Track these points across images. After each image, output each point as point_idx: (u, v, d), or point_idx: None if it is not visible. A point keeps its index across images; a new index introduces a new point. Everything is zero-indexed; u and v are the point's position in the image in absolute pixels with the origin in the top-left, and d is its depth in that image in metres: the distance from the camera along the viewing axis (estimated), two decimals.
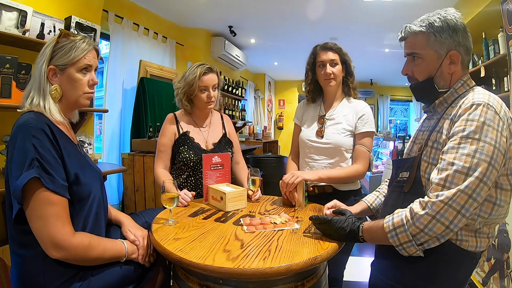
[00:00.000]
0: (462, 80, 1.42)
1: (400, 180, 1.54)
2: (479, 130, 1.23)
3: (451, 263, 1.35)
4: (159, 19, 5.79)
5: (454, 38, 1.37)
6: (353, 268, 3.82)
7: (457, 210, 1.21)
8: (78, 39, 1.54)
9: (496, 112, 1.25)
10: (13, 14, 2.78)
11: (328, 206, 1.85)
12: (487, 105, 1.26)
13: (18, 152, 1.33)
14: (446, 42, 1.38)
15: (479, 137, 1.23)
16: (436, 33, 1.37)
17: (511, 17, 2.94)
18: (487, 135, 1.22)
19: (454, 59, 1.39)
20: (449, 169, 1.25)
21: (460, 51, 1.38)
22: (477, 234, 1.34)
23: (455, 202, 1.21)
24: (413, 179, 1.44)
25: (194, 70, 2.37)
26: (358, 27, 6.36)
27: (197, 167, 2.38)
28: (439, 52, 1.39)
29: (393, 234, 1.32)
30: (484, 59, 4.07)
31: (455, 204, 1.21)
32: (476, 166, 1.21)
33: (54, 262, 1.38)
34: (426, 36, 1.39)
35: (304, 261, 1.31)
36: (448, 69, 1.41)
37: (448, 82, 1.43)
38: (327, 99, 2.42)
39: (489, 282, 3.04)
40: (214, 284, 1.39)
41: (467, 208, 1.21)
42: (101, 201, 1.62)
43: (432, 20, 1.39)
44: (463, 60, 1.41)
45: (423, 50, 1.42)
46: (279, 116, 13.45)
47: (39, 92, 1.47)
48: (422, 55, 1.43)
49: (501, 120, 1.26)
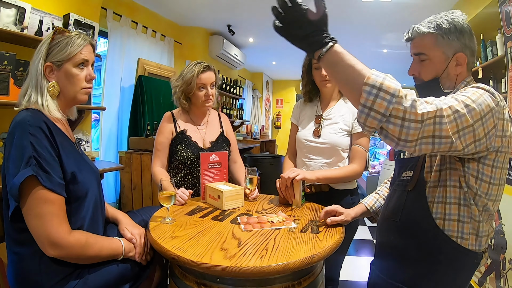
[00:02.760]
0: (465, 81, 1.43)
1: (403, 179, 1.53)
2: (475, 97, 1.19)
3: (452, 262, 1.35)
4: (158, 17, 5.78)
5: (461, 40, 1.38)
6: (350, 267, 3.85)
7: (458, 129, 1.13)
8: (73, 35, 1.53)
9: (495, 97, 1.23)
10: (12, 11, 2.78)
11: (327, 210, 1.79)
12: (487, 89, 1.25)
13: (15, 150, 1.33)
14: (453, 44, 1.38)
15: (475, 99, 1.18)
16: (444, 35, 1.37)
17: (509, 19, 2.95)
18: (481, 104, 1.18)
19: (460, 61, 1.39)
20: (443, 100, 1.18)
21: (466, 53, 1.39)
22: (478, 233, 1.34)
23: (461, 119, 1.13)
24: (416, 178, 1.44)
25: (192, 68, 2.37)
26: (356, 27, 6.36)
27: (194, 166, 2.38)
28: (446, 53, 1.39)
29: (373, 91, 1.10)
30: (482, 60, 4.09)
31: (459, 120, 1.13)
32: (470, 110, 1.16)
33: (50, 260, 1.37)
34: (434, 37, 1.39)
35: (301, 260, 1.31)
36: (454, 70, 1.41)
37: (453, 83, 1.43)
38: (324, 99, 2.42)
39: (485, 283, 3.06)
40: (211, 282, 1.39)
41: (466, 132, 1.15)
42: (98, 199, 1.62)
43: (440, 21, 1.39)
44: (469, 62, 1.41)
45: (431, 51, 1.41)
46: (276, 115, 13.46)
47: (37, 89, 1.47)
48: (429, 56, 1.42)
49: (500, 106, 1.23)
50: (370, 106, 1.10)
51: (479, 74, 4.04)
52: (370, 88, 1.10)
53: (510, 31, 2.98)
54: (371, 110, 1.10)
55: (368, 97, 1.10)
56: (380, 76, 1.12)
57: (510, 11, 2.94)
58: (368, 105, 1.11)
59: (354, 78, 1.15)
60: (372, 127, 1.13)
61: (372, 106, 1.10)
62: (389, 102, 1.08)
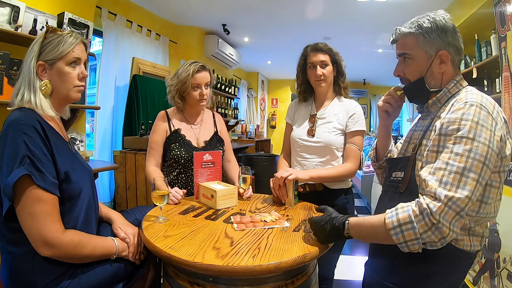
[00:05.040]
0: (455, 80, 1.44)
1: (394, 180, 1.54)
2: (473, 130, 1.23)
3: (447, 263, 1.35)
4: (153, 16, 5.77)
5: (443, 38, 1.40)
6: (344, 266, 3.85)
7: (457, 212, 1.20)
8: (65, 34, 1.53)
9: (489, 113, 1.26)
10: (6, 10, 2.77)
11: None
12: (480, 105, 1.27)
13: (9, 149, 1.33)
14: (435, 42, 1.40)
15: (473, 137, 1.23)
16: (425, 34, 1.40)
17: (504, 19, 2.96)
18: (481, 135, 1.23)
19: (444, 59, 1.41)
20: (443, 169, 1.25)
21: (449, 50, 1.41)
22: (471, 233, 1.35)
23: (455, 205, 1.20)
24: (408, 179, 1.44)
25: (187, 67, 2.37)
26: (351, 27, 6.38)
27: (188, 165, 2.39)
28: (429, 52, 1.42)
29: (398, 231, 1.25)
30: (476, 60, 4.10)
31: (455, 206, 1.19)
32: (471, 166, 1.21)
33: (44, 259, 1.38)
34: (415, 37, 1.42)
35: (293, 259, 1.32)
36: (439, 68, 1.43)
37: (439, 81, 1.45)
38: (318, 99, 2.43)
39: (479, 281, 3.08)
40: (204, 281, 1.39)
41: (466, 210, 1.22)
42: (92, 199, 1.62)
43: (421, 21, 1.42)
44: (454, 59, 1.43)
45: (413, 50, 1.44)
46: (272, 115, 13.47)
47: (29, 88, 1.47)
48: (412, 56, 1.46)
49: (494, 120, 1.27)
50: (404, 241, 1.24)
51: (474, 74, 4.05)
52: (394, 230, 1.25)
53: (505, 31, 3.00)
54: (407, 243, 1.24)
55: (398, 236, 1.25)
56: (393, 215, 1.28)
57: (504, 12, 2.95)
58: (402, 241, 1.25)
59: (379, 232, 1.31)
60: (417, 250, 1.25)
61: (405, 240, 1.24)
62: (413, 228, 1.22)
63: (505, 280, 2.69)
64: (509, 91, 2.89)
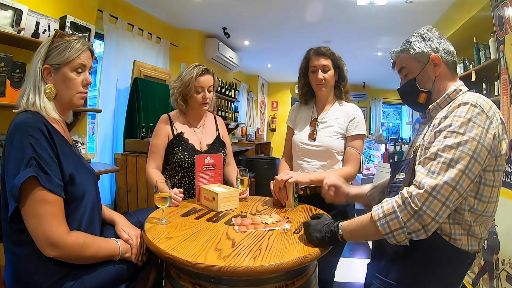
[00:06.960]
0: (455, 86, 1.50)
1: (396, 181, 1.59)
2: (464, 126, 1.29)
3: (447, 262, 1.38)
4: (154, 19, 5.79)
5: (430, 46, 1.53)
6: (344, 269, 3.86)
7: (442, 202, 1.24)
8: (73, 39, 1.56)
9: (483, 111, 1.31)
10: (8, 13, 2.78)
11: (328, 184, 1.89)
12: (475, 104, 1.32)
13: (15, 151, 1.34)
14: (424, 51, 1.53)
15: (463, 132, 1.28)
16: (414, 47, 1.55)
17: (502, 23, 2.98)
18: (471, 131, 1.28)
19: (436, 62, 1.51)
20: (432, 159, 1.31)
21: (440, 54, 1.51)
22: (470, 233, 1.38)
23: (440, 194, 1.24)
24: (409, 179, 1.48)
25: (191, 70, 2.38)
26: (351, 31, 6.41)
27: (191, 168, 2.38)
28: (422, 61, 1.54)
29: (383, 221, 1.32)
30: (475, 63, 4.13)
31: (439, 195, 1.24)
32: (458, 158, 1.26)
33: (48, 260, 1.39)
34: (407, 51, 1.57)
35: (294, 260, 1.33)
36: (434, 72, 1.52)
37: (431, 83, 1.54)
38: (319, 103, 2.45)
39: (479, 283, 3.09)
40: (206, 282, 1.40)
41: (451, 199, 1.25)
42: (95, 201, 1.63)
43: (409, 39, 1.58)
44: (447, 61, 1.52)
45: (408, 63, 1.58)
46: (271, 118, 13.48)
47: (34, 90, 1.49)
48: (408, 68, 1.59)
49: (489, 119, 1.30)
50: (390, 231, 1.31)
51: (472, 77, 4.07)
52: (380, 222, 1.33)
53: (503, 34, 3.01)
54: (392, 232, 1.31)
55: (384, 227, 1.32)
56: (378, 207, 1.36)
57: (502, 15, 2.97)
58: (388, 232, 1.32)
59: (369, 228, 1.39)
60: (403, 240, 1.31)
61: (391, 229, 1.31)
62: (397, 217, 1.29)
63: (504, 282, 2.70)
64: (507, 94, 2.90)
